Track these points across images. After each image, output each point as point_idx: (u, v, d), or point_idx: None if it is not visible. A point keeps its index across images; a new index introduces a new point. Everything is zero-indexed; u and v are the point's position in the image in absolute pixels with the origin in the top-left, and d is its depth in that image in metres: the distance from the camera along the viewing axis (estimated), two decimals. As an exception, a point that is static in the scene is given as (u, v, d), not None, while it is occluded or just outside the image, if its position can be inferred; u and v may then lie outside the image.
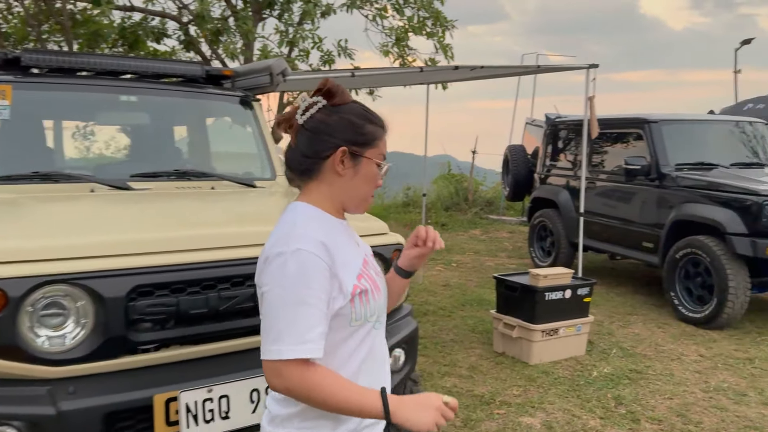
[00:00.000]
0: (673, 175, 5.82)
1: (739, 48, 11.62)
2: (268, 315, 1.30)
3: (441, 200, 12.16)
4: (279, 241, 1.32)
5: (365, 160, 1.39)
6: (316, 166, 1.38)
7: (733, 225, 5.10)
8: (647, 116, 6.22)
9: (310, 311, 1.28)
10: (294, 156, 1.41)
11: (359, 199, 1.44)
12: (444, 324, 5.40)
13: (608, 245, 6.72)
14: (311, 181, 1.40)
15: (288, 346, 1.26)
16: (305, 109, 1.39)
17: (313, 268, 1.29)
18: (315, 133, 1.37)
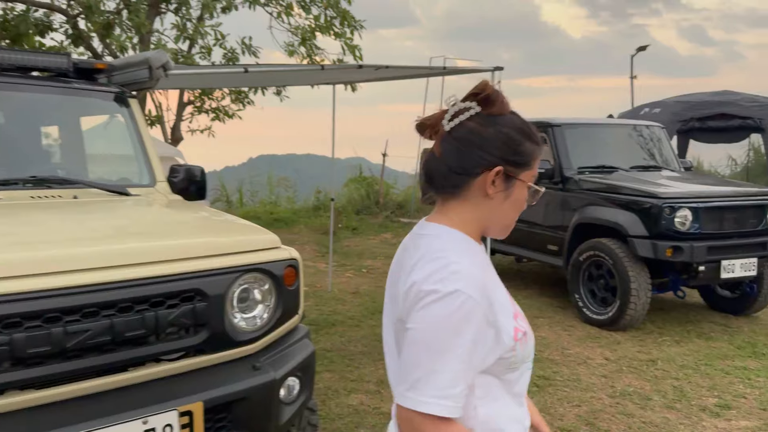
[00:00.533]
0: (575, 178, 5.89)
1: (635, 54, 12.18)
2: (409, 354, 1.14)
3: (352, 204, 11.96)
4: (433, 275, 1.14)
5: (518, 182, 1.21)
6: (463, 184, 1.20)
7: (634, 227, 5.20)
8: (551, 120, 6.28)
9: (457, 364, 1.12)
10: (438, 168, 1.21)
11: (504, 225, 1.27)
12: (353, 335, 5.17)
13: (515, 248, 6.74)
14: (453, 200, 1.22)
15: (427, 398, 1.10)
16: (454, 115, 1.19)
17: (469, 315, 1.12)
18: (465, 145, 1.19)
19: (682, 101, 8.34)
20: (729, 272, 5.19)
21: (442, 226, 1.22)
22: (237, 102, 11.69)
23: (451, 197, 1.22)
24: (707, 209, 5.13)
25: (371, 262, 8.29)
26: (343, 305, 6.09)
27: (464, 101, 1.20)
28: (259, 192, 14.75)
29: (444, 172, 1.20)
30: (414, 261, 1.18)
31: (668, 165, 6.43)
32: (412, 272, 1.17)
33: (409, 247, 1.25)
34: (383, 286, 5.12)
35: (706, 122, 7.74)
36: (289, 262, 2.21)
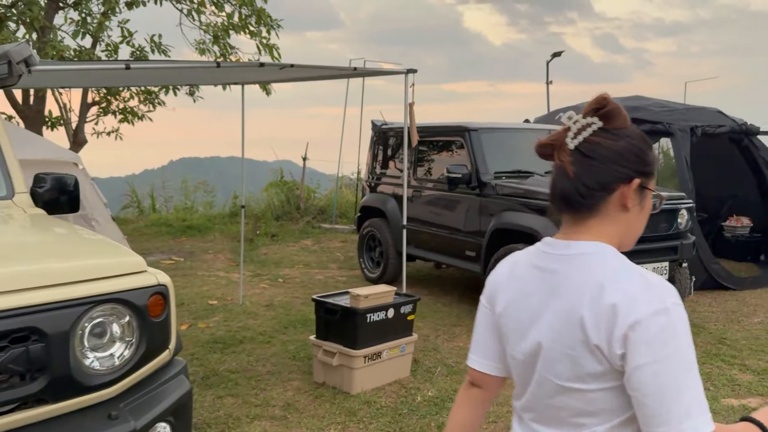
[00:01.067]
0: (492, 183, 5.80)
1: (551, 60, 12.40)
2: (663, 391, 1.05)
3: (272, 209, 11.55)
4: (642, 297, 1.08)
5: (647, 192, 1.22)
6: (602, 200, 1.18)
7: (549, 233, 5.14)
8: (467, 124, 6.17)
9: (698, 375, 1.09)
10: (574, 187, 1.17)
11: (637, 236, 1.25)
12: (262, 353, 4.84)
13: (434, 254, 6.60)
14: (591, 218, 1.19)
15: (699, 420, 1.05)
16: (578, 132, 1.18)
17: (687, 322, 1.11)
18: (600, 161, 1.17)
19: (596, 106, 8.49)
20: (641, 276, 5.22)
21: (598, 243, 1.18)
22: (146, 103, 11.05)
23: (588, 215, 1.19)
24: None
25: (288, 271, 7.95)
26: (255, 319, 5.74)
27: (585, 116, 1.19)
28: (175, 197, 14.06)
29: (581, 190, 1.17)
30: (593, 282, 1.12)
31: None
32: (603, 295, 1.10)
33: (561, 270, 1.18)
34: (300, 296, 4.83)
35: (618, 127, 7.89)
36: (156, 289, 1.90)
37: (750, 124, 7.98)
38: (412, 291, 6.94)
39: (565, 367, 1.15)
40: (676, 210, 5.43)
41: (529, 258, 1.26)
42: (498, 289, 1.29)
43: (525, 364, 1.22)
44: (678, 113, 7.80)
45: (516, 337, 1.24)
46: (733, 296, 6.88)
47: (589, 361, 1.11)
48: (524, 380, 1.24)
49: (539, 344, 1.18)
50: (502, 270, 1.31)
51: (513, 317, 1.24)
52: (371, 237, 7.41)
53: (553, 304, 1.17)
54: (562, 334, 1.14)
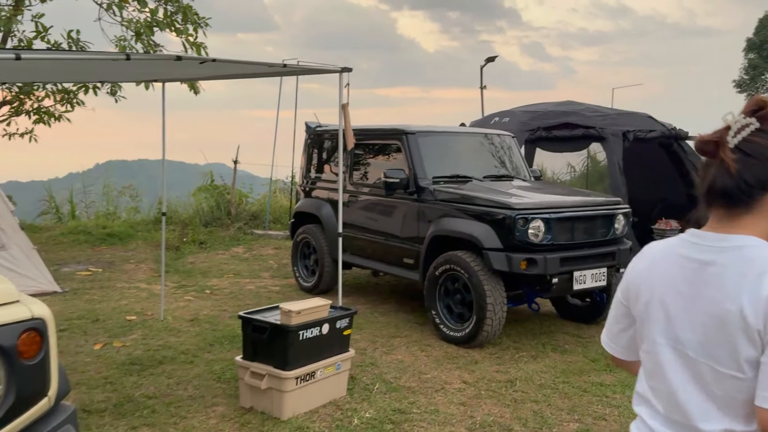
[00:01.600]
0: (430, 188, 5.60)
1: (485, 65, 12.42)
2: None
3: (201, 215, 11.00)
4: None
5: None
6: (759, 197, 1.25)
7: (488, 240, 4.98)
8: (405, 127, 5.96)
9: None
10: (735, 183, 1.23)
11: None
12: (183, 374, 4.44)
13: (371, 262, 6.35)
14: (746, 214, 1.26)
15: None
16: (738, 131, 1.24)
17: None
18: (759, 160, 1.23)
19: (530, 111, 8.47)
20: (581, 283, 5.14)
21: (753, 237, 1.25)
22: (64, 102, 10.32)
23: (744, 210, 1.26)
24: (559, 220, 5.04)
25: (217, 282, 7.51)
26: (177, 336, 5.31)
27: (745, 116, 1.24)
28: (97, 202, 13.24)
29: (742, 187, 1.23)
30: (753, 272, 1.20)
31: (519, 174, 6.37)
32: (763, 284, 1.18)
33: (718, 261, 1.25)
34: (228, 309, 4.43)
35: (552, 131, 7.88)
36: (29, 324, 1.55)
37: (679, 128, 8.15)
38: (349, 301, 6.67)
39: (723, 353, 1.22)
40: (612, 215, 5.38)
41: (673, 249, 1.33)
42: (640, 283, 1.37)
43: (672, 351, 1.30)
44: (610, 118, 7.87)
45: (663, 325, 1.31)
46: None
47: (747, 347, 1.19)
48: (664, 366, 1.31)
49: (694, 331, 1.26)
50: (641, 264, 1.39)
51: (659, 306, 1.32)
52: (306, 244, 7.09)
53: (708, 292, 1.24)
54: (721, 321, 1.21)
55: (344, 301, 6.61)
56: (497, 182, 5.97)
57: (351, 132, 4.66)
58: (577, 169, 14.58)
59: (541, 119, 8.11)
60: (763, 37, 25.35)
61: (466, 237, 5.12)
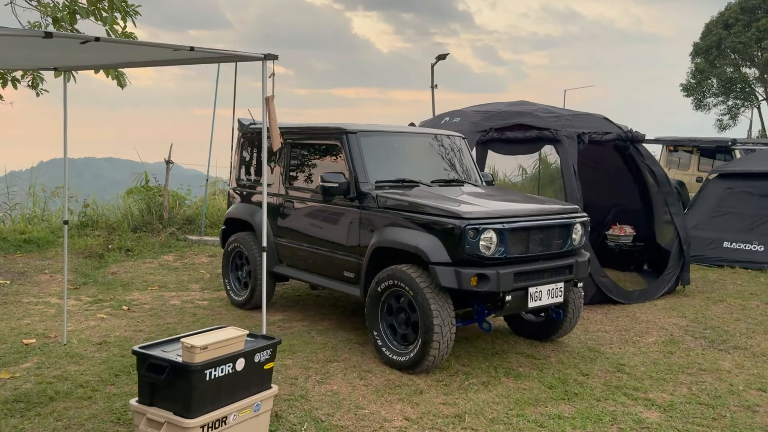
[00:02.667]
0: (373, 194, 5.03)
1: (435, 63, 11.96)
2: None
3: (130, 219, 10.15)
4: None
5: None
6: None
7: (435, 253, 4.44)
8: (345, 126, 5.37)
9: None
10: None
11: None
12: (76, 414, 3.74)
13: (308, 275, 5.74)
14: None
15: None
16: None
17: None
18: None
19: (482, 111, 8.02)
20: (536, 300, 4.66)
21: None
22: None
23: None
24: (513, 230, 4.54)
25: (138, 296, 6.76)
26: (78, 364, 4.59)
27: None
28: (23, 204, 12.16)
29: None
30: None
31: (470, 178, 5.87)
32: None
33: None
34: (145, 329, 3.39)
35: (505, 133, 7.44)
36: None
37: (635, 131, 7.83)
38: (284, 315, 6.06)
39: None
40: (570, 225, 4.93)
41: None
42: None
43: None
44: (564, 119, 7.48)
45: None
46: (622, 311, 6.58)
47: None
48: None
49: None
50: None
51: None
52: (238, 254, 6.42)
53: None
54: None
55: (279, 318, 6.01)
56: (446, 188, 5.46)
57: (277, 130, 4.05)
58: (528, 172, 14.31)
59: (494, 120, 7.66)
60: (709, 41, 25.83)
61: (411, 250, 4.57)
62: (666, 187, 7.73)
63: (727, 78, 26.25)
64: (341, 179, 5.09)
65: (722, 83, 26.47)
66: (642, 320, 6.24)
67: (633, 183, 8.66)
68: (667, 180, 7.78)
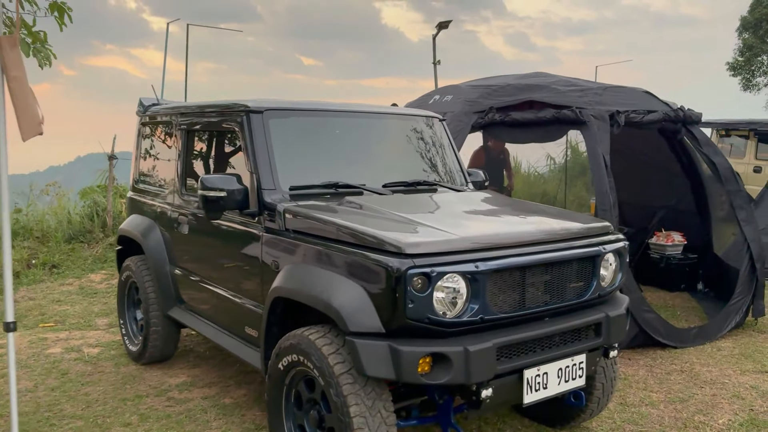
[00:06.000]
0: (281, 208, 3.18)
1: (437, 33, 10.04)
2: None
3: (66, 227, 8.47)
4: None
5: None
6: None
7: (357, 316, 2.57)
8: (249, 103, 3.51)
9: None
10: None
11: None
12: None
13: (206, 325, 3.92)
14: None
15: None
16: None
17: None
18: None
19: (482, 85, 6.07)
20: (538, 389, 2.75)
21: None
22: None
23: None
24: (497, 273, 2.65)
25: (18, 337, 5.02)
26: None
27: None
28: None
29: None
30: None
31: (449, 179, 3.98)
32: None
33: None
34: None
35: (509, 114, 5.50)
36: None
37: (688, 109, 5.80)
38: (188, 377, 3.96)
39: None
40: (596, 256, 3.00)
41: None
42: None
43: None
44: (593, 94, 5.49)
45: None
46: (675, 361, 4.65)
47: None
48: None
49: None
50: None
51: None
52: (133, 286, 4.66)
53: None
54: None
55: (179, 382, 4.07)
56: (407, 195, 3.58)
57: (29, 112, 2.23)
58: (557, 161, 12.12)
59: (496, 96, 5.71)
60: (758, 14, 23.17)
61: (320, 307, 2.71)
62: (732, 184, 5.69)
63: (779, 55, 23.63)
64: (231, 184, 3.24)
65: (774, 60, 23.83)
66: (705, 379, 4.29)
67: (684, 177, 6.66)
68: (733, 175, 5.74)
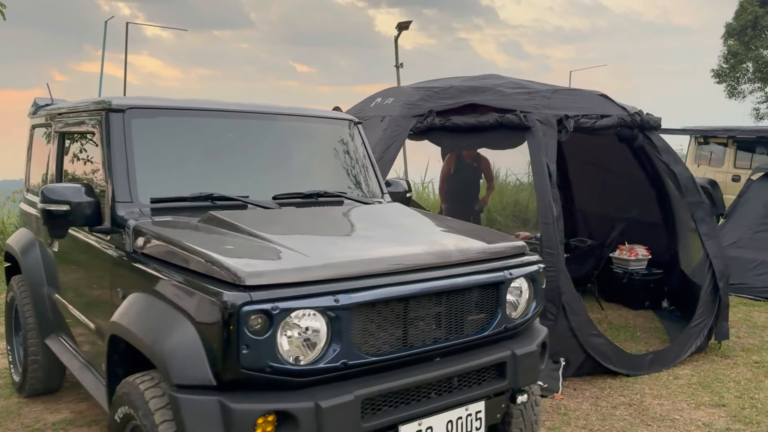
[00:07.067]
0: (132, 225, 2.67)
1: (398, 35, 9.60)
2: None
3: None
4: None
5: None
6: None
7: (184, 364, 2.07)
8: (111, 101, 3.01)
9: None
10: None
11: None
12: None
13: (73, 358, 3.41)
14: None
15: None
16: None
17: None
18: None
19: (424, 87, 5.57)
20: (416, 449, 2.26)
21: None
22: None
23: None
24: (365, 306, 2.15)
25: None
26: None
27: None
28: None
29: None
30: None
31: (359, 190, 3.49)
32: None
33: None
34: None
35: (450, 118, 5.04)
36: None
37: (647, 114, 5.34)
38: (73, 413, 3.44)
39: None
40: (500, 282, 2.51)
41: None
42: None
43: None
44: (540, 97, 5.01)
45: None
46: (625, 391, 4.18)
47: None
48: None
49: None
50: None
51: None
52: (16, 309, 4.14)
53: None
54: None
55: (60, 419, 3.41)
56: (299, 210, 3.08)
57: None
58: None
59: (437, 99, 5.23)
60: (743, 21, 22.91)
61: (146, 351, 2.20)
62: (693, 195, 5.23)
63: (764, 61, 23.35)
64: (78, 196, 2.73)
65: (759, 67, 23.55)
66: (654, 414, 3.82)
67: (649, 187, 6.22)
68: (694, 185, 5.28)
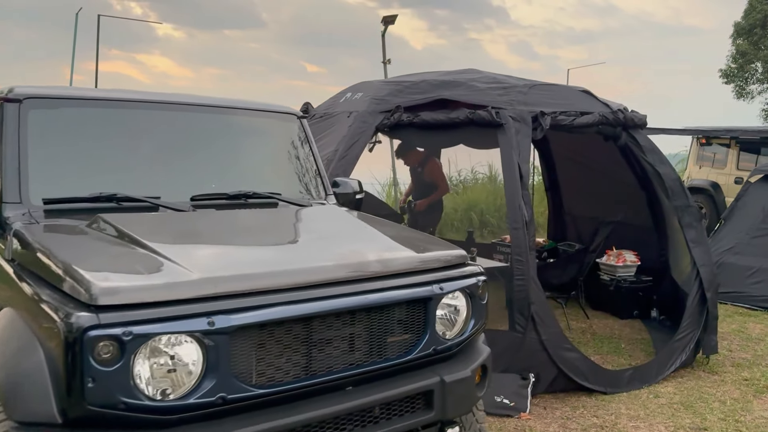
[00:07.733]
0: (16, 226, 2.36)
1: (385, 30, 9.28)
2: None
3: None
4: None
5: None
6: None
7: (25, 397, 1.76)
8: (10, 89, 2.70)
9: None
10: None
11: None
12: None
13: None
14: None
15: None
16: None
17: None
18: None
19: (394, 81, 5.24)
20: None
21: None
22: None
23: None
24: (253, 329, 1.83)
25: None
26: None
27: None
28: None
29: None
30: None
31: (297, 190, 3.16)
32: None
33: None
34: None
35: (419, 114, 4.70)
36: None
37: (632, 111, 4.99)
38: None
39: None
40: (428, 298, 2.18)
41: None
42: None
43: None
44: (515, 92, 4.67)
45: None
46: (599, 412, 3.85)
47: None
48: None
49: None
50: None
51: None
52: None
53: None
54: None
55: None
56: (217, 212, 2.76)
57: None
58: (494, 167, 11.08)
59: (407, 93, 4.90)
60: (753, 20, 22.38)
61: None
62: (679, 199, 4.87)
63: (774, 62, 22.85)
64: (-41, 197, 2.43)
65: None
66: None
67: (639, 189, 5.87)
68: (681, 187, 4.92)
